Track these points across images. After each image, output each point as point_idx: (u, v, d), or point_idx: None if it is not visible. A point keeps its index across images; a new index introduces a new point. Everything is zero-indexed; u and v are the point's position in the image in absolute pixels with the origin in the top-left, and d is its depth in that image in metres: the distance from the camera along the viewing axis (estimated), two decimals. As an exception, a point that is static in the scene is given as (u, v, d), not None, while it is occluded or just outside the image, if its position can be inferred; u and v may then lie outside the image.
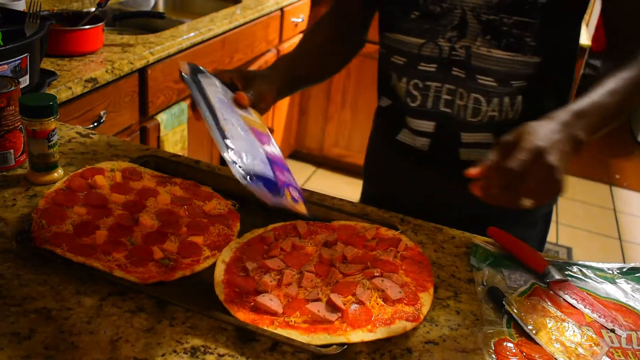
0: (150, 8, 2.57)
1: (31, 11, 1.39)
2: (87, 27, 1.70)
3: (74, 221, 0.91)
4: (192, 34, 2.02)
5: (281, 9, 2.74)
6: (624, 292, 0.92)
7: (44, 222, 0.89)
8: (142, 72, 1.83)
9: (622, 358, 0.79)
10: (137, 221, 0.94)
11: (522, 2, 0.99)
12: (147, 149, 1.18)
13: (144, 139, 1.93)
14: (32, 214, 0.91)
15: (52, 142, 1.00)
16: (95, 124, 1.65)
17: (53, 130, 0.99)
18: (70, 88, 1.50)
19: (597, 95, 0.88)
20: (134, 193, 1.01)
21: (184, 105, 2.09)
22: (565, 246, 3.10)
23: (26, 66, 1.26)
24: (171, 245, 0.90)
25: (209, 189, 1.06)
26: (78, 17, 1.82)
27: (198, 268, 0.87)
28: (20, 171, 1.06)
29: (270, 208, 0.78)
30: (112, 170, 1.04)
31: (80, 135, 1.21)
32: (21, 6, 1.71)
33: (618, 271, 0.97)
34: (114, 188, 1.01)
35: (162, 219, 0.95)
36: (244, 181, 0.74)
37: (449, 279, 0.92)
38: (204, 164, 1.15)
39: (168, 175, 1.07)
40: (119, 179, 1.03)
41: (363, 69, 3.02)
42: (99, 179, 1.00)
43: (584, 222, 3.32)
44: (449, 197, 1.16)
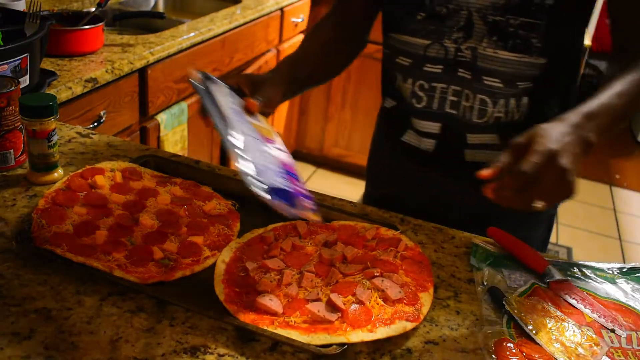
0: (150, 8, 2.57)
1: (31, 11, 1.39)
2: (87, 27, 1.70)
3: (74, 221, 0.91)
4: (192, 34, 2.02)
5: (281, 9, 2.74)
6: (624, 292, 0.92)
7: (44, 222, 0.89)
8: (142, 72, 1.83)
9: (622, 358, 0.79)
10: (137, 221, 0.94)
11: (529, 3, 0.99)
12: (147, 149, 1.18)
13: (144, 139, 1.93)
14: (32, 214, 0.91)
15: (52, 142, 1.00)
16: (95, 124, 1.65)
17: (53, 130, 0.99)
18: (70, 88, 1.50)
19: (606, 97, 0.88)
20: (134, 193, 1.01)
21: (184, 105, 2.09)
22: (565, 246, 3.10)
23: (26, 66, 1.26)
24: (171, 245, 0.90)
25: (209, 189, 1.06)
26: (78, 17, 1.82)
27: (198, 268, 0.87)
28: (20, 171, 1.06)
29: (270, 208, 0.78)
30: (112, 170, 1.04)
31: (80, 135, 1.21)
32: (21, 6, 1.71)
33: (618, 271, 0.97)
34: (114, 188, 1.01)
35: (162, 219, 0.95)
36: (264, 196, 0.74)
37: (449, 279, 0.92)
38: (204, 164, 1.15)
39: (168, 175, 1.08)
40: (119, 179, 1.03)
41: (363, 69, 3.02)
42: (99, 179, 1.00)
43: (584, 222, 3.32)
44: (454, 198, 1.16)
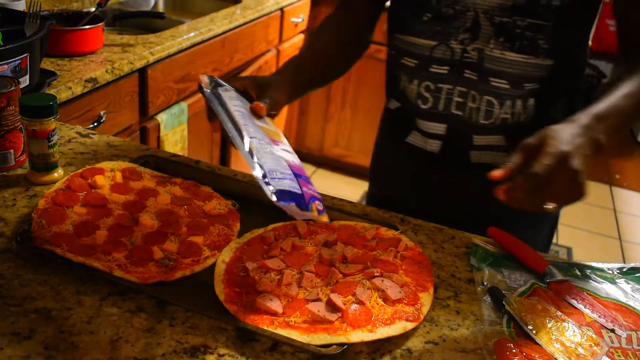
0: (150, 8, 2.57)
1: (31, 11, 1.39)
2: (87, 27, 1.70)
3: (74, 221, 0.91)
4: (192, 34, 2.02)
5: (281, 9, 2.74)
6: (624, 292, 0.92)
7: (44, 222, 0.89)
8: (142, 72, 1.83)
9: (622, 358, 0.78)
10: (137, 221, 0.94)
11: (536, 4, 0.99)
12: (147, 149, 1.18)
13: (144, 139, 1.93)
14: (32, 214, 0.91)
15: (52, 142, 1.00)
16: (95, 124, 1.65)
17: (53, 130, 0.99)
18: (70, 88, 1.50)
19: (614, 98, 0.89)
20: (134, 193, 1.01)
21: (184, 105, 2.09)
22: (565, 246, 3.10)
23: (26, 66, 1.26)
24: (171, 245, 0.90)
25: (209, 189, 1.06)
26: (78, 17, 1.82)
27: (198, 268, 0.87)
28: (20, 171, 1.06)
29: (270, 208, 0.78)
30: (112, 170, 1.04)
31: (80, 135, 1.21)
32: (21, 6, 1.71)
33: (618, 271, 0.97)
34: (114, 188, 1.01)
35: (162, 219, 0.95)
36: (276, 201, 0.74)
37: (449, 279, 0.92)
38: (204, 164, 1.15)
39: (168, 175, 1.08)
40: (119, 179, 1.03)
41: (363, 69, 3.02)
42: (99, 179, 1.00)
43: (584, 222, 3.32)
44: (459, 200, 1.16)
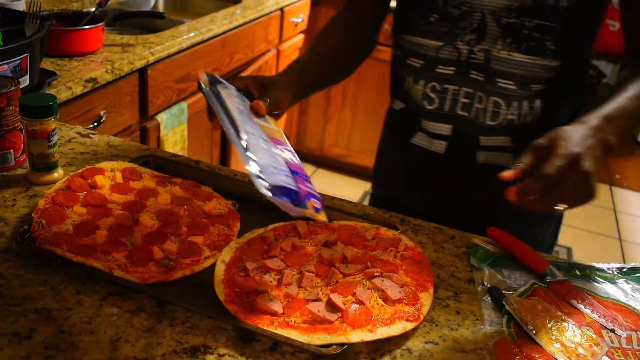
0: (150, 8, 2.57)
1: (31, 11, 1.39)
2: (87, 27, 1.70)
3: (74, 221, 0.91)
4: (192, 34, 2.02)
5: (281, 9, 2.74)
6: (624, 292, 0.92)
7: (44, 222, 0.89)
8: (142, 72, 1.83)
9: (622, 358, 0.79)
10: (137, 221, 0.94)
11: (543, 5, 0.99)
12: (147, 149, 1.18)
13: (144, 139, 1.93)
14: (32, 214, 0.91)
15: (52, 142, 1.00)
16: (95, 124, 1.65)
17: (53, 130, 0.99)
18: (70, 88, 1.50)
19: (623, 99, 0.89)
20: (134, 193, 1.01)
21: (184, 105, 2.09)
22: (565, 246, 3.10)
23: (26, 66, 1.26)
24: (171, 245, 0.90)
25: (209, 189, 1.06)
26: (78, 17, 1.82)
27: (198, 268, 0.87)
28: (20, 171, 1.06)
29: (270, 208, 0.78)
30: (112, 170, 1.04)
31: (80, 135, 1.21)
32: (21, 6, 1.72)
33: (618, 271, 0.97)
34: (114, 188, 1.01)
35: (162, 219, 0.95)
36: (268, 195, 0.74)
37: (449, 279, 0.92)
38: (204, 164, 1.15)
39: (168, 175, 1.08)
40: (119, 179, 1.03)
41: (363, 69, 2.98)
42: (99, 179, 1.00)
43: (584, 222, 3.32)
44: (464, 200, 1.16)
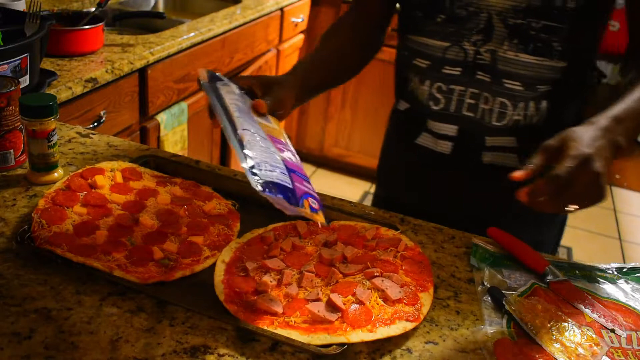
0: (150, 8, 2.57)
1: (31, 11, 1.39)
2: (87, 27, 1.70)
3: (74, 221, 0.91)
4: (192, 34, 2.03)
5: (281, 9, 2.74)
6: (624, 292, 0.92)
7: (44, 222, 0.89)
8: (142, 72, 1.83)
9: (622, 358, 0.79)
10: (137, 221, 0.94)
11: (551, 6, 0.99)
12: (147, 149, 1.18)
13: (144, 139, 1.93)
14: (32, 214, 0.91)
15: (52, 142, 1.00)
16: (95, 124, 1.65)
17: (53, 130, 0.99)
18: (70, 88, 1.50)
19: (631, 101, 0.89)
20: (134, 193, 1.01)
21: (184, 105, 2.09)
22: (565, 246, 3.10)
23: (26, 66, 1.26)
24: (171, 245, 0.90)
25: (209, 189, 1.06)
26: (78, 17, 1.82)
27: (198, 268, 0.87)
28: (20, 171, 1.06)
29: (270, 208, 0.78)
30: (112, 170, 1.04)
31: (80, 135, 1.21)
32: (21, 6, 1.72)
33: (618, 271, 0.97)
34: (114, 188, 1.01)
35: (162, 219, 0.95)
36: (259, 190, 0.73)
37: (449, 279, 0.92)
38: (204, 164, 1.15)
39: (168, 175, 1.08)
40: (119, 179, 1.03)
41: (364, 70, 3.01)
42: (99, 179, 1.00)
43: (584, 222, 3.32)
44: (469, 201, 1.16)
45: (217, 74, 0.96)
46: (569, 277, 0.93)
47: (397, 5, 1.19)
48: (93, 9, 1.82)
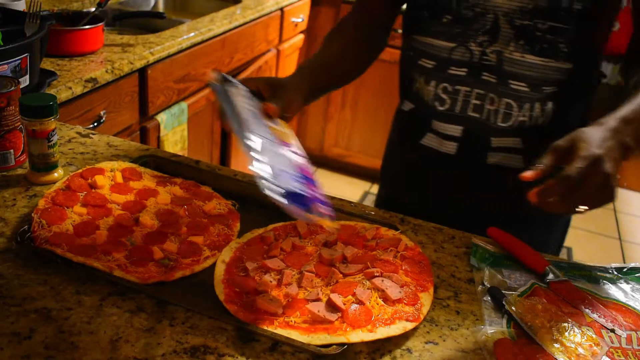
0: (150, 8, 2.57)
1: (31, 11, 1.39)
2: (87, 27, 1.70)
3: (74, 221, 0.91)
4: (192, 34, 2.02)
5: (281, 9, 2.74)
6: (624, 292, 0.92)
7: (44, 222, 0.89)
8: (142, 72, 1.83)
9: (622, 358, 0.79)
10: (137, 221, 0.94)
11: (557, 8, 0.99)
12: (147, 149, 1.18)
13: (144, 139, 1.93)
14: (32, 214, 0.91)
15: (52, 142, 1.00)
16: (95, 124, 1.65)
17: (53, 130, 0.99)
18: (70, 88, 1.50)
19: (638, 102, 0.89)
20: (134, 193, 1.01)
21: (184, 105, 2.09)
22: (565, 246, 3.09)
23: (26, 66, 1.26)
24: (171, 245, 0.90)
25: (209, 189, 1.06)
26: (78, 17, 1.82)
27: (198, 268, 0.87)
28: (20, 171, 1.06)
29: (270, 208, 0.78)
30: (112, 170, 1.04)
31: (80, 135, 1.21)
32: (21, 6, 1.72)
33: (618, 271, 0.97)
34: (114, 188, 1.01)
35: (162, 219, 0.95)
36: (279, 200, 0.73)
37: (449, 279, 0.92)
38: (204, 164, 1.15)
39: (168, 175, 1.08)
40: (119, 179, 1.03)
41: (363, 69, 3.01)
42: (99, 179, 1.00)
43: (584, 222, 3.32)
44: (474, 201, 1.16)
45: (227, 76, 0.96)
46: (569, 277, 0.93)
47: (403, 5, 1.19)
48: (93, 9, 1.82)
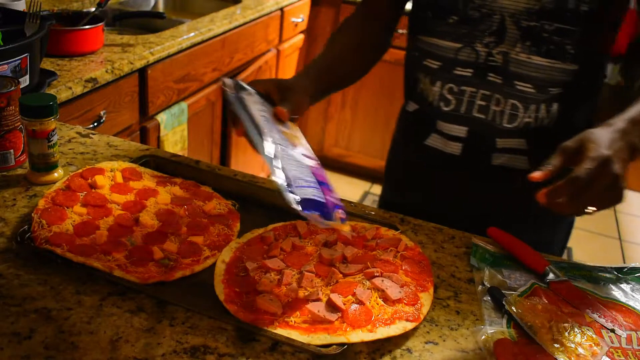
0: (150, 8, 2.57)
1: (31, 11, 1.39)
2: (87, 27, 1.70)
3: (74, 221, 0.91)
4: (192, 34, 2.03)
5: (281, 9, 2.74)
6: (624, 292, 0.92)
7: (44, 222, 0.89)
8: (142, 72, 1.83)
9: (622, 358, 0.79)
10: (137, 221, 0.94)
11: (564, 9, 0.99)
12: (147, 149, 1.18)
13: (144, 139, 1.93)
14: (32, 214, 0.91)
15: (52, 142, 1.00)
16: (95, 124, 1.65)
17: (53, 130, 0.99)
18: (70, 88, 1.50)
19: None
20: (134, 193, 1.01)
21: (184, 105, 2.09)
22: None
23: (26, 66, 1.26)
24: (171, 245, 0.90)
25: (209, 189, 1.06)
26: (78, 17, 1.82)
27: (198, 268, 0.87)
28: (20, 171, 1.06)
29: (270, 208, 0.78)
30: (112, 170, 1.04)
31: (80, 135, 1.21)
32: (21, 6, 1.72)
33: (618, 271, 0.97)
34: (114, 188, 1.01)
35: (162, 219, 0.95)
36: (298, 209, 0.74)
37: (449, 279, 0.92)
38: (204, 164, 1.15)
39: (168, 175, 1.08)
40: (119, 179, 1.03)
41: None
42: (99, 179, 1.00)
43: (584, 222, 3.32)
44: (478, 202, 1.16)
45: (240, 82, 0.96)
46: (569, 277, 0.93)
47: (407, 6, 1.19)
48: (93, 9, 1.82)
